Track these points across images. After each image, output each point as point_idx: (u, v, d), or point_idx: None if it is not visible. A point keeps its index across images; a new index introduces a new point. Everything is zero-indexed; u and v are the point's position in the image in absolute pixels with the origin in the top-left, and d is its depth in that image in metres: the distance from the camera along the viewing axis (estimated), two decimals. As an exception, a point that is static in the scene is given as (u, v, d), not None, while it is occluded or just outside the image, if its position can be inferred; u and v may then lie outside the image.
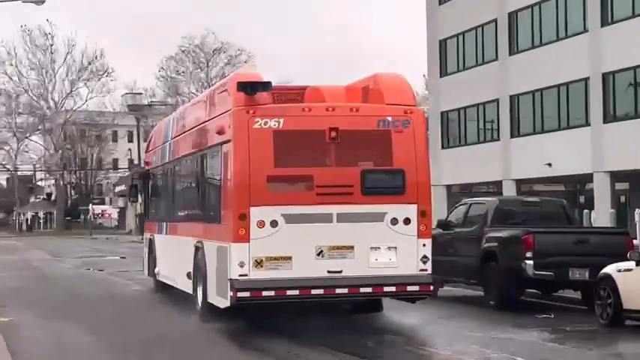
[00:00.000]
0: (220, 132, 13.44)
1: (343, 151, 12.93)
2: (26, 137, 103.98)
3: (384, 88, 13.47)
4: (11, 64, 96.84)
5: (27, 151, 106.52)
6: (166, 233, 18.44)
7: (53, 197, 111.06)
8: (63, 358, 12.14)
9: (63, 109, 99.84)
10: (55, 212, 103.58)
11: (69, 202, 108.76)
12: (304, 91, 13.97)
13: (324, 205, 12.78)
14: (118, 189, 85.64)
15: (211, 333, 13.28)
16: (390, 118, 13.03)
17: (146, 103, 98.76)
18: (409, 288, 13.02)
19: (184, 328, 13.89)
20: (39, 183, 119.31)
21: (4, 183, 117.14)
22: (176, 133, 17.61)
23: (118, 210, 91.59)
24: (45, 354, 12.46)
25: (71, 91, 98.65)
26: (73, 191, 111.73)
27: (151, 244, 19.99)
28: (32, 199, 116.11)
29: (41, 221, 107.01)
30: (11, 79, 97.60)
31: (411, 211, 12.94)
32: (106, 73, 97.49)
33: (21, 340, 13.78)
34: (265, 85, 12.90)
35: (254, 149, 12.64)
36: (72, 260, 36.05)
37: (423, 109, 17.20)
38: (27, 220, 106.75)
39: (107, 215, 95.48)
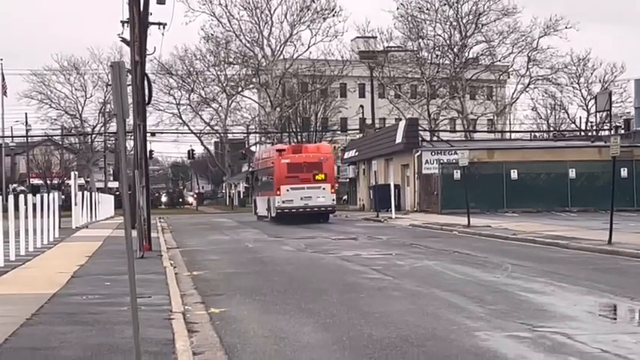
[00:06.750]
0: (272, 162, 59.29)
1: (308, 169, 57.49)
2: (238, 92, 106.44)
3: (321, 148, 61.90)
4: (220, 4, 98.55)
5: (239, 110, 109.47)
6: (259, 196, 64.93)
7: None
8: (287, 358, 12.58)
9: (281, 57, 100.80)
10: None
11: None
12: (302, 146, 63.47)
13: (302, 184, 56.99)
14: (347, 154, 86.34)
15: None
16: (322, 157, 58.29)
17: (381, 48, 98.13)
18: (329, 209, 58.16)
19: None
20: (252, 148, 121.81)
21: (212, 148, 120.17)
22: (261, 158, 67.49)
23: (347, 180, 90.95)
24: (266, 352, 12.96)
25: (291, 35, 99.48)
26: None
27: (255, 201, 67.59)
28: (245, 168, 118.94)
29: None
30: (220, 21, 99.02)
31: (329, 186, 58.00)
32: (332, 12, 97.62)
33: (237, 334, 14.48)
34: (285, 150, 60.04)
35: (280, 169, 57.47)
36: (293, 241, 37.57)
37: (332, 154, 61.62)
38: (239, 192, 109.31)
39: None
